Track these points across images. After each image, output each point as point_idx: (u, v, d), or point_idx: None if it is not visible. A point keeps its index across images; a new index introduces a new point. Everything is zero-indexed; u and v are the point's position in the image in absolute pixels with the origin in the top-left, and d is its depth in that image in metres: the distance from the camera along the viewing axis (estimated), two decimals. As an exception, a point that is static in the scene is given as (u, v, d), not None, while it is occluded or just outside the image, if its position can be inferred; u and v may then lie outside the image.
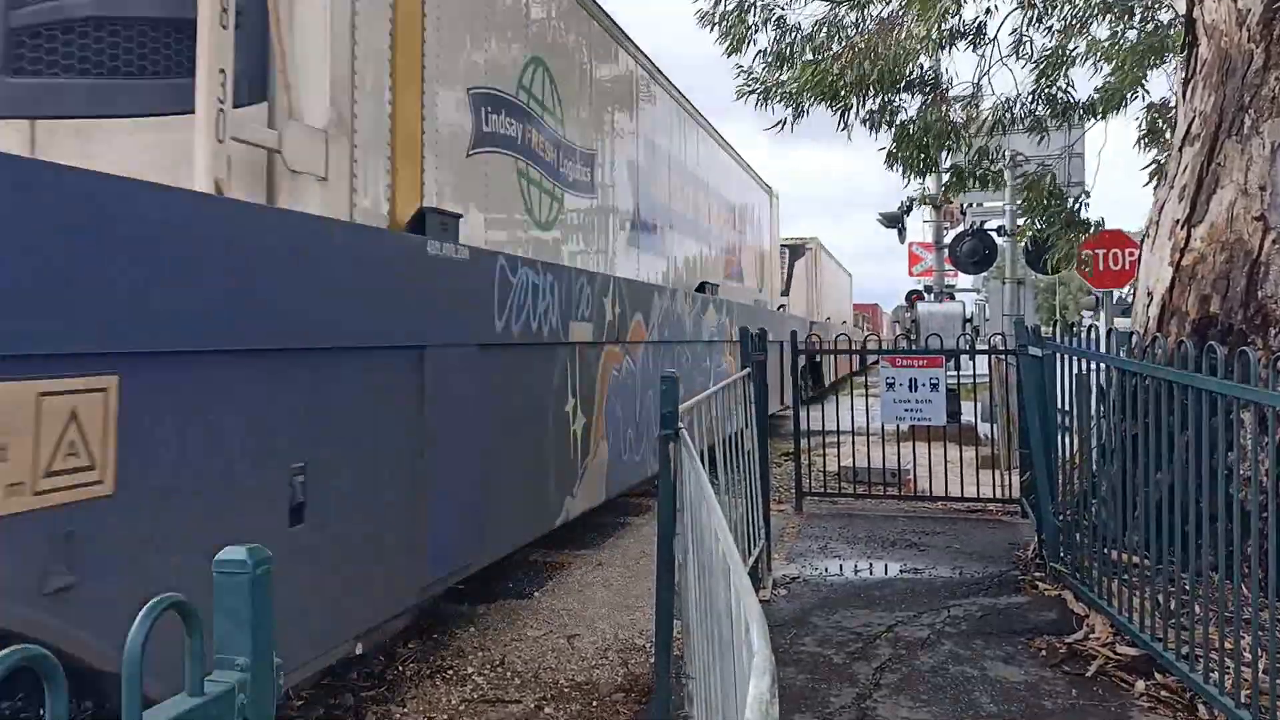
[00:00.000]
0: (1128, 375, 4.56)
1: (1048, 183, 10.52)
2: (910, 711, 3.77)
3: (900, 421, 7.91)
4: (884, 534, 6.97)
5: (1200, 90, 5.33)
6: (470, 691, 4.28)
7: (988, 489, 7.88)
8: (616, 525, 7.79)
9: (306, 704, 4.12)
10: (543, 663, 4.62)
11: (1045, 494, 5.54)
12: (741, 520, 5.03)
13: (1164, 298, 5.31)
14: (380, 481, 3.67)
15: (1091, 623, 4.61)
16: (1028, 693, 3.94)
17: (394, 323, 3.74)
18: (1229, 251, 5.01)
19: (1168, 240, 5.36)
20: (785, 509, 7.90)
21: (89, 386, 2.35)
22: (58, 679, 0.91)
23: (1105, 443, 5.01)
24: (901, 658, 4.35)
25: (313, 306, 3.19)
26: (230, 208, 2.97)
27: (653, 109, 8.27)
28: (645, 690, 4.18)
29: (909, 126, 9.66)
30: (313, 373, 3.25)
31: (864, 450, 8.78)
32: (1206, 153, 5.17)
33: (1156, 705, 3.79)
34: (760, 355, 6.00)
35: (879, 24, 8.98)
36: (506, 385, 4.82)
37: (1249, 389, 3.35)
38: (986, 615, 4.97)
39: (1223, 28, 5.18)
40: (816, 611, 5.08)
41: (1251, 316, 4.91)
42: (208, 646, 1.06)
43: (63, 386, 2.28)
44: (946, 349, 8.27)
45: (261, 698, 1.12)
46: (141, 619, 0.99)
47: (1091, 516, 4.92)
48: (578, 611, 5.45)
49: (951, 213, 18.08)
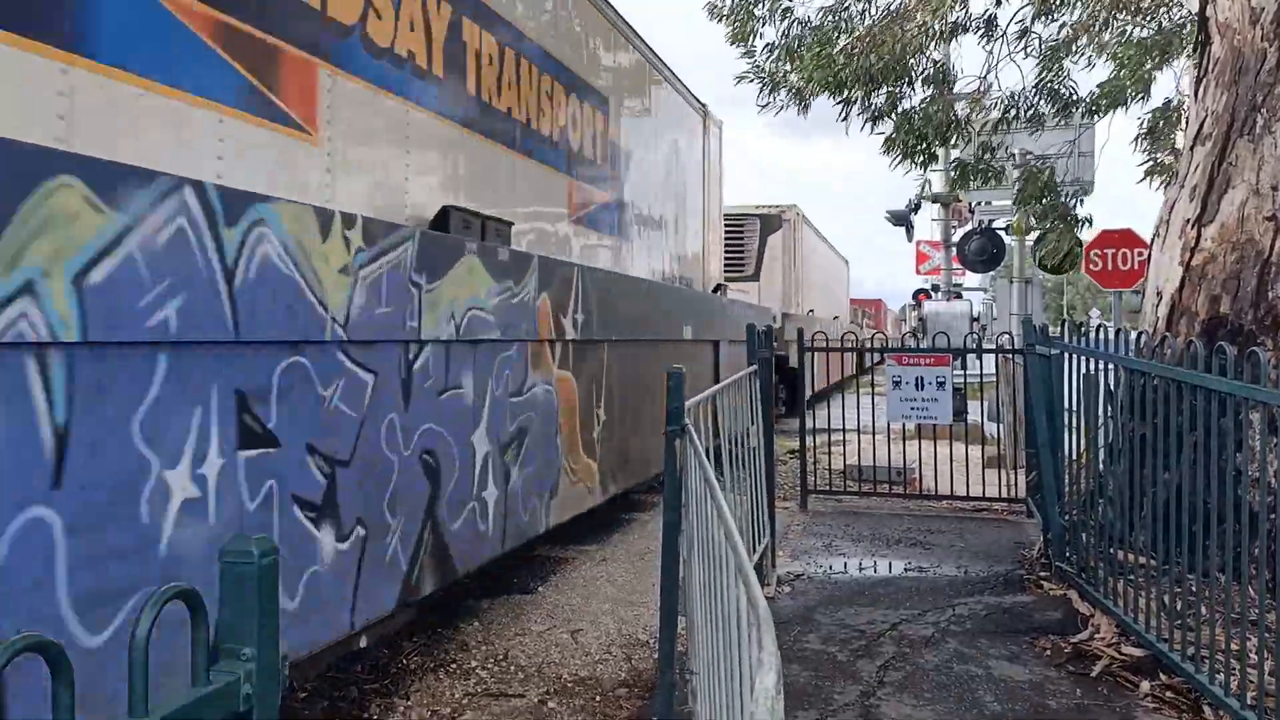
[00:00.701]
0: (1136, 375, 4.54)
1: (1046, 176, 10.49)
2: (914, 710, 3.76)
3: (907, 420, 7.89)
4: (889, 532, 6.96)
5: (1212, 89, 5.29)
6: (474, 685, 4.29)
7: (993, 488, 7.86)
8: (621, 521, 7.79)
9: (310, 696, 4.13)
10: (546, 657, 4.62)
11: (1051, 493, 5.53)
12: (746, 517, 5.03)
13: (1173, 297, 5.28)
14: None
15: (1097, 623, 4.59)
16: (1032, 692, 3.93)
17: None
18: (1240, 251, 4.99)
19: (1178, 240, 5.33)
20: (790, 506, 7.89)
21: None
22: (64, 667, 0.91)
23: (1113, 442, 4.99)
24: (905, 656, 4.34)
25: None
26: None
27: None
28: (648, 685, 4.18)
29: (911, 115, 9.63)
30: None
31: (869, 448, 8.76)
32: (1218, 152, 5.14)
33: (1162, 706, 3.78)
34: (765, 352, 5.99)
35: (887, 16, 8.95)
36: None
37: (1259, 389, 3.33)
38: (991, 614, 4.96)
39: (1235, 26, 5.15)
40: (820, 609, 5.08)
41: (1262, 317, 4.89)
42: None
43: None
44: (954, 348, 8.24)
45: (267, 689, 1.12)
46: (148, 608, 0.99)
47: (1098, 516, 4.91)
48: (581, 606, 5.45)
49: (960, 211, 18.01)
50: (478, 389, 4.70)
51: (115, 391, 2.61)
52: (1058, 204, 10.68)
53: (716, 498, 2.41)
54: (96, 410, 2.54)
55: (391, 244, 3.90)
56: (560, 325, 5.65)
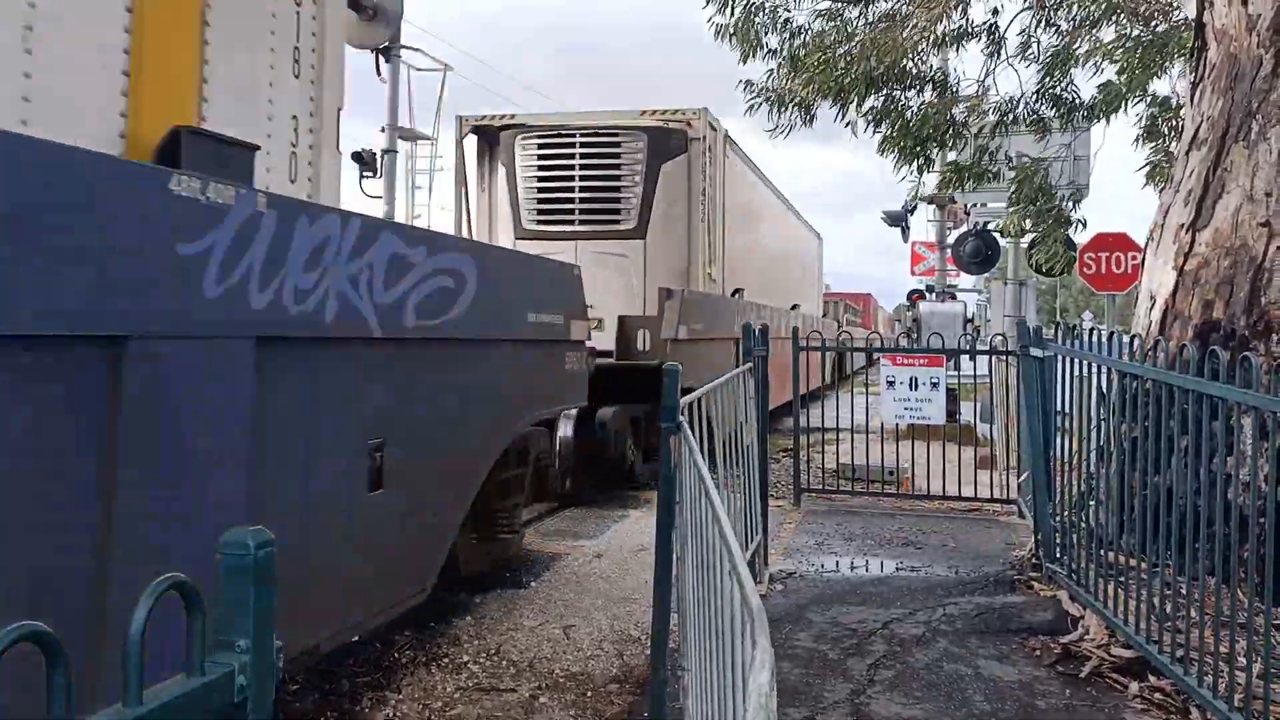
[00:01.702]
0: (1129, 378, 4.56)
1: (1039, 179, 10.53)
2: (904, 708, 3.77)
3: (900, 420, 7.91)
4: (881, 531, 6.98)
5: (1208, 95, 5.32)
6: (466, 680, 4.29)
7: (985, 489, 7.89)
8: (615, 517, 7.81)
9: (302, 689, 4.13)
10: (539, 653, 4.63)
11: (1043, 494, 5.55)
12: (739, 515, 5.04)
13: (1167, 301, 5.31)
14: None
15: (1087, 624, 4.62)
16: (1021, 692, 3.95)
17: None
18: (1233, 257, 5.01)
19: (1172, 244, 5.36)
20: (783, 504, 7.90)
21: None
22: (60, 654, 0.91)
23: (1104, 445, 5.01)
24: (896, 655, 4.36)
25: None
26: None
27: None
28: (639, 682, 4.19)
29: (908, 117, 9.68)
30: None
31: (862, 448, 8.78)
32: (1213, 157, 5.16)
33: (1150, 708, 3.80)
34: (761, 350, 6.00)
35: (885, 21, 8.98)
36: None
37: (1250, 394, 3.35)
38: (982, 614, 4.98)
39: (1232, 33, 5.17)
40: (812, 607, 5.09)
41: (1254, 322, 4.91)
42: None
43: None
44: (947, 348, 8.27)
45: (262, 680, 1.12)
46: (144, 598, 0.99)
47: (1089, 518, 4.93)
48: (574, 602, 5.46)
49: (955, 213, 18.07)
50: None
51: None
52: (1052, 207, 10.73)
53: (711, 495, 2.42)
54: None
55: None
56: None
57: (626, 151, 9.83)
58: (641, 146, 9.79)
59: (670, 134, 9.98)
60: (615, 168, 9.85)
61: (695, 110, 10.10)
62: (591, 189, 9.86)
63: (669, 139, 9.95)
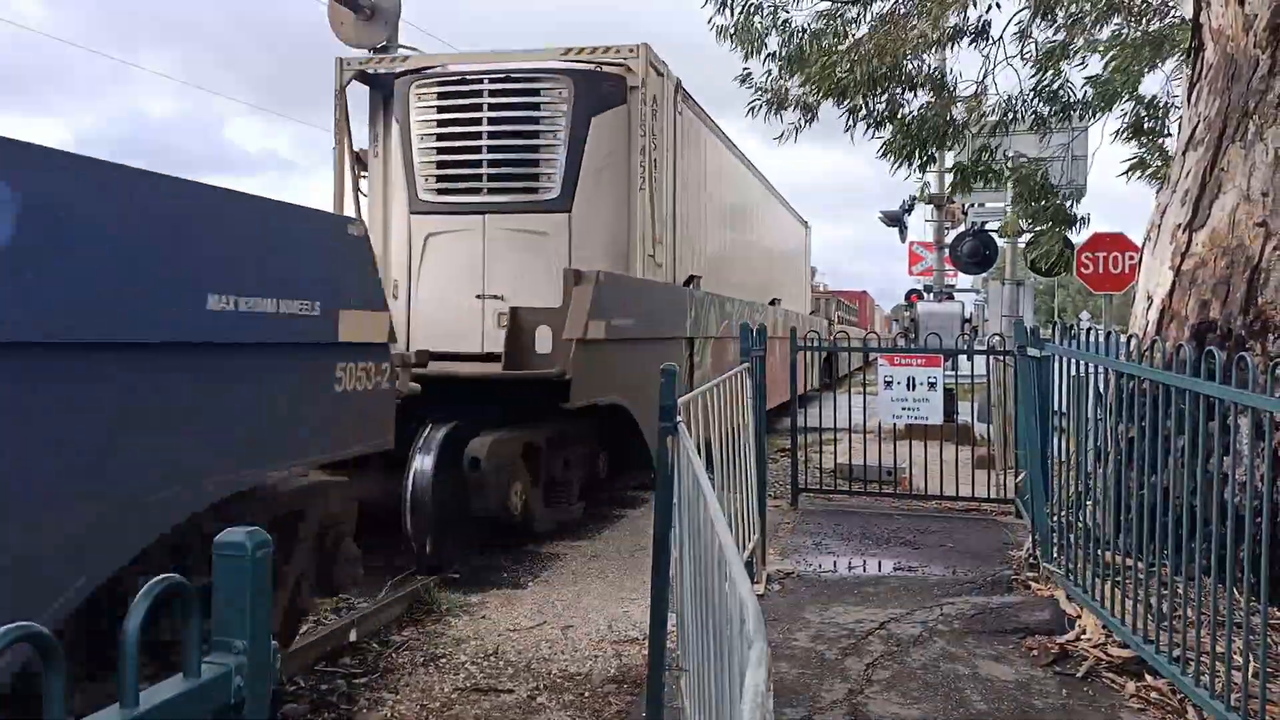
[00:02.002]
0: (1125, 378, 4.57)
1: (1039, 178, 10.55)
2: (901, 708, 3.78)
3: (897, 420, 7.92)
4: (878, 531, 6.99)
5: (1205, 95, 5.32)
6: (463, 680, 4.29)
7: (983, 489, 7.89)
8: (612, 517, 7.80)
9: (300, 689, 4.13)
10: (536, 653, 4.63)
11: (1040, 495, 5.56)
12: (736, 515, 5.04)
13: (1164, 302, 5.32)
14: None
15: (1083, 624, 4.62)
16: (1018, 691, 3.96)
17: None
18: (1230, 257, 5.02)
19: (1169, 244, 5.36)
20: (780, 504, 7.91)
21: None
22: (55, 655, 0.91)
23: (1101, 445, 5.01)
24: (893, 654, 4.36)
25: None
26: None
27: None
28: (637, 682, 4.19)
29: (908, 119, 9.70)
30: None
31: (860, 448, 8.79)
32: (1210, 158, 5.17)
33: (1147, 707, 3.81)
34: (760, 351, 6.00)
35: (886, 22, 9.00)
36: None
37: (1247, 394, 3.36)
38: (979, 614, 4.98)
39: (1229, 33, 5.18)
40: (809, 607, 5.09)
41: (1251, 322, 4.92)
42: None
43: None
44: (945, 348, 8.27)
45: (258, 681, 1.12)
46: (140, 599, 0.99)
47: (1085, 518, 4.94)
48: (572, 602, 5.46)
49: (953, 213, 18.09)
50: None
51: None
52: (1052, 206, 10.75)
53: (708, 495, 2.42)
54: None
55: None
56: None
57: (547, 101, 7.68)
58: (566, 95, 7.65)
59: (603, 79, 7.83)
60: (534, 121, 7.69)
61: (633, 47, 7.79)
62: (503, 149, 7.71)
63: (601, 85, 7.80)
